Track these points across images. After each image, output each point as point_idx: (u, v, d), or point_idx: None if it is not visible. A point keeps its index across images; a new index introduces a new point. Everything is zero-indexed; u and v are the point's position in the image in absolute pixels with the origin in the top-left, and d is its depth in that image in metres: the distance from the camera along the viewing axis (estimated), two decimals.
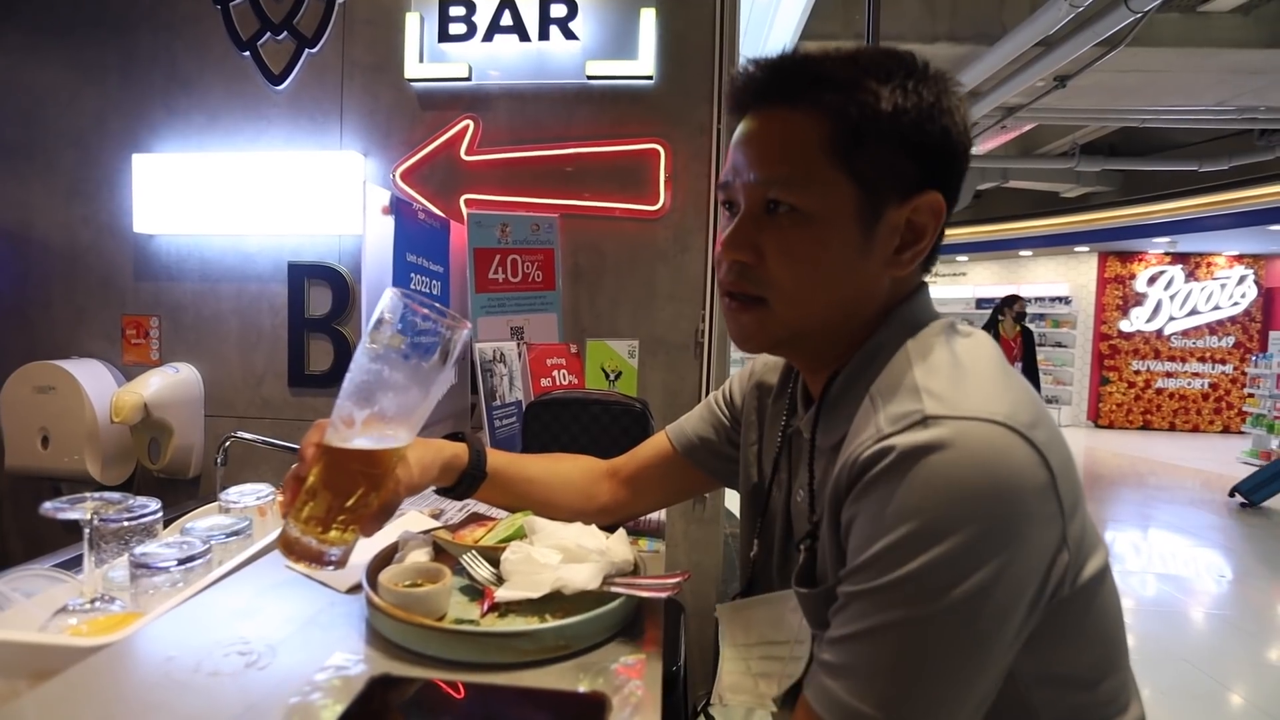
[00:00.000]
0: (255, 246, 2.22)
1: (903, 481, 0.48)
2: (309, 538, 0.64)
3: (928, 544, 0.47)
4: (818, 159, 0.58)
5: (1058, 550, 0.50)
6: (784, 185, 0.58)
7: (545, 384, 1.63)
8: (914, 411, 0.51)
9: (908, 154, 0.58)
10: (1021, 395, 0.53)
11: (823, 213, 0.58)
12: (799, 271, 0.60)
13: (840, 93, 0.57)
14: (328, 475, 0.65)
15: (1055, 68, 4.27)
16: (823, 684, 0.50)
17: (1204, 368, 9.62)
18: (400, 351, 0.63)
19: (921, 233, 0.60)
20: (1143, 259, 9.68)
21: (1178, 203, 7.79)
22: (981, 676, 0.48)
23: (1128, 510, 5.60)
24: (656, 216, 2.08)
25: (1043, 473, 0.49)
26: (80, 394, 2.08)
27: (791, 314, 0.61)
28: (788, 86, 0.59)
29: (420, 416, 0.67)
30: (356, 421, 0.64)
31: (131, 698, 0.54)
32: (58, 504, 0.84)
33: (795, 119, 0.58)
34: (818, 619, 0.57)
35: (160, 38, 2.22)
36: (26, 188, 2.30)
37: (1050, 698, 0.55)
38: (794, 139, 0.58)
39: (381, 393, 0.64)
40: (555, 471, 0.95)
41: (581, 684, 0.58)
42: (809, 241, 0.59)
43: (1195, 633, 3.25)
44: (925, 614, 0.47)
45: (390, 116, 2.16)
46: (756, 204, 0.60)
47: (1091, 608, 0.56)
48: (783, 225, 0.59)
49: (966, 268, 11.38)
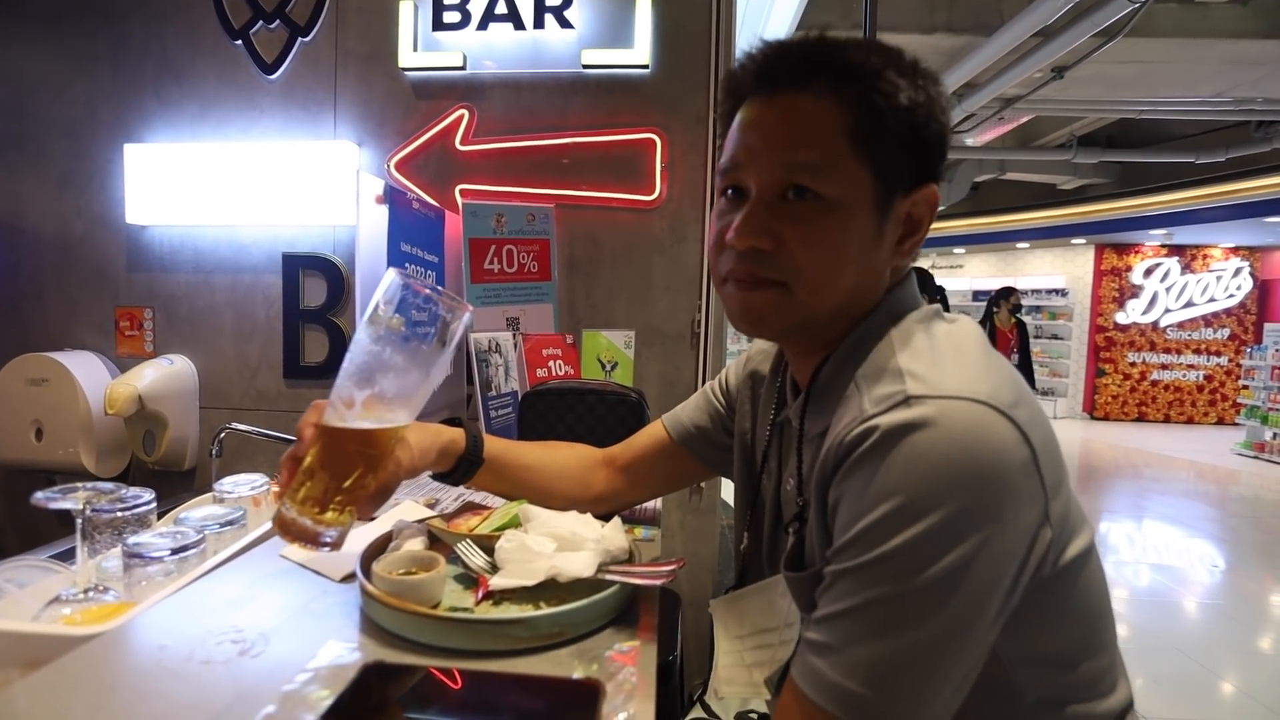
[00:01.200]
0: (249, 237, 2.20)
1: (886, 460, 0.49)
2: (305, 519, 0.64)
3: (910, 520, 0.47)
4: (843, 147, 0.58)
5: (1039, 527, 0.51)
6: (811, 172, 0.58)
7: (541, 374, 1.62)
8: (897, 392, 0.52)
9: (915, 148, 0.60)
10: (1003, 376, 0.54)
11: (847, 201, 0.58)
12: (824, 258, 0.59)
13: (863, 83, 0.58)
14: (325, 456, 0.65)
15: (1053, 58, 4.25)
16: (809, 662, 0.51)
17: (1199, 360, 9.66)
18: (401, 333, 0.63)
19: (919, 224, 0.63)
20: (1139, 251, 9.69)
21: (1174, 195, 7.79)
22: (964, 652, 0.49)
23: (1122, 501, 5.63)
24: (652, 207, 2.08)
25: (1024, 450, 0.49)
26: (74, 386, 2.07)
27: (812, 300, 0.61)
28: (812, 71, 0.59)
29: (420, 399, 0.67)
30: (356, 402, 0.63)
31: (124, 686, 0.54)
32: (49, 494, 0.83)
33: (820, 106, 0.58)
34: (806, 602, 0.57)
35: (151, 26, 2.20)
36: (17, 179, 2.28)
37: (1034, 677, 0.56)
38: (820, 125, 0.58)
39: (381, 373, 0.63)
40: (552, 459, 0.95)
41: (576, 671, 0.58)
42: (835, 229, 0.59)
43: (1188, 622, 3.28)
44: (908, 589, 0.47)
45: (384, 106, 2.15)
46: (773, 189, 0.59)
47: (1075, 588, 0.56)
48: (805, 211, 0.59)
49: (963, 260, 11.39)
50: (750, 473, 0.79)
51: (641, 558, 0.77)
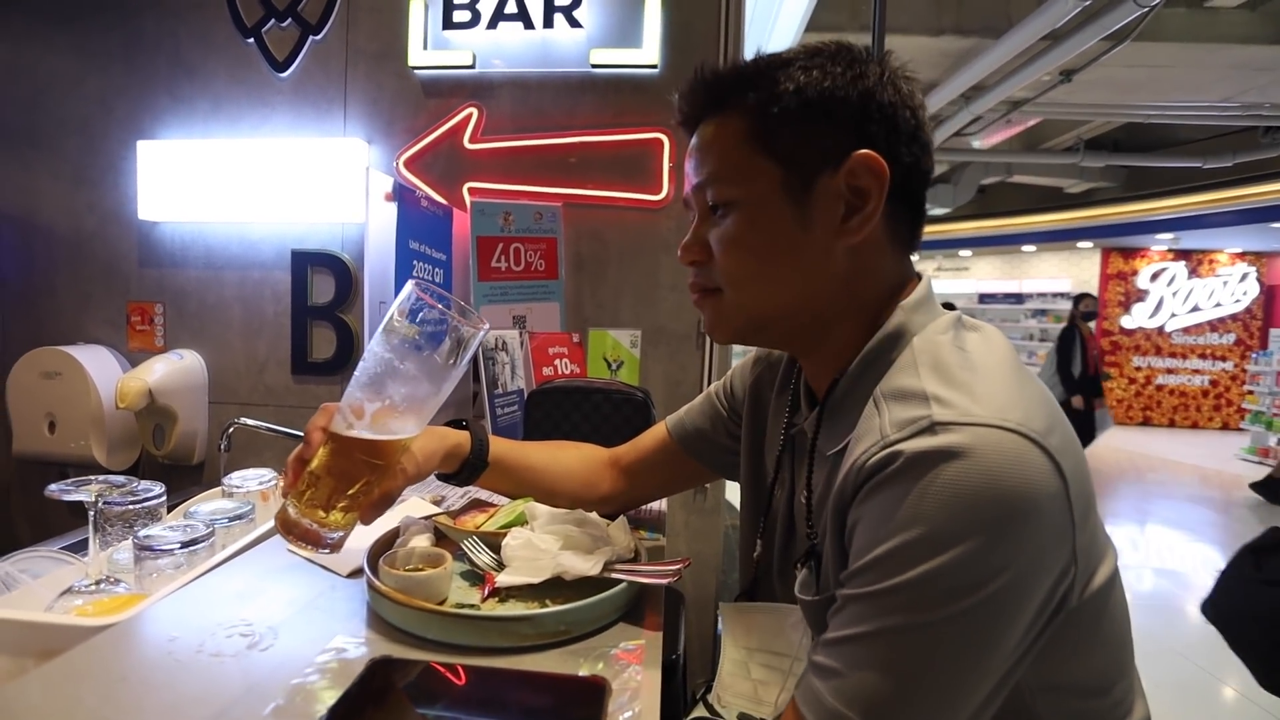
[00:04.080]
0: (259, 234, 2.21)
1: (908, 487, 0.47)
2: (308, 520, 0.65)
3: (930, 553, 0.45)
4: (740, 151, 0.62)
5: (1066, 565, 0.48)
6: (715, 183, 0.63)
7: (547, 373, 1.63)
8: (921, 418, 0.49)
9: (824, 123, 0.59)
10: (1035, 398, 0.51)
11: (748, 197, 0.62)
12: (738, 257, 0.63)
13: (753, 88, 0.61)
14: (332, 461, 0.65)
15: (1061, 62, 4.23)
16: (811, 685, 0.49)
17: (1204, 364, 9.61)
18: (415, 344, 0.63)
19: (865, 196, 0.59)
20: (1145, 255, 9.65)
21: (1181, 199, 7.75)
22: (974, 690, 0.47)
23: (1126, 506, 5.61)
24: (660, 206, 2.08)
25: (1056, 482, 0.47)
26: (86, 380, 2.09)
27: (743, 298, 0.64)
28: (712, 98, 0.64)
29: (430, 410, 0.67)
30: (366, 412, 0.64)
31: (134, 677, 0.55)
32: (63, 486, 0.84)
33: (720, 123, 0.63)
34: (818, 623, 0.56)
35: (164, 24, 2.21)
36: (32, 174, 2.30)
37: (1054, 704, 0.54)
38: (719, 140, 0.63)
39: (394, 384, 0.63)
40: (557, 459, 0.96)
41: (582, 668, 0.59)
42: (740, 226, 0.62)
43: (1190, 627, 3.26)
44: (921, 622, 0.45)
45: (394, 104, 2.15)
46: (703, 206, 0.66)
47: (1103, 616, 0.54)
48: (721, 220, 0.64)
49: (969, 262, 11.35)
50: (760, 480, 0.78)
51: (646, 559, 0.78)
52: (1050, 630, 0.50)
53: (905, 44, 4.32)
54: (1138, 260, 9.67)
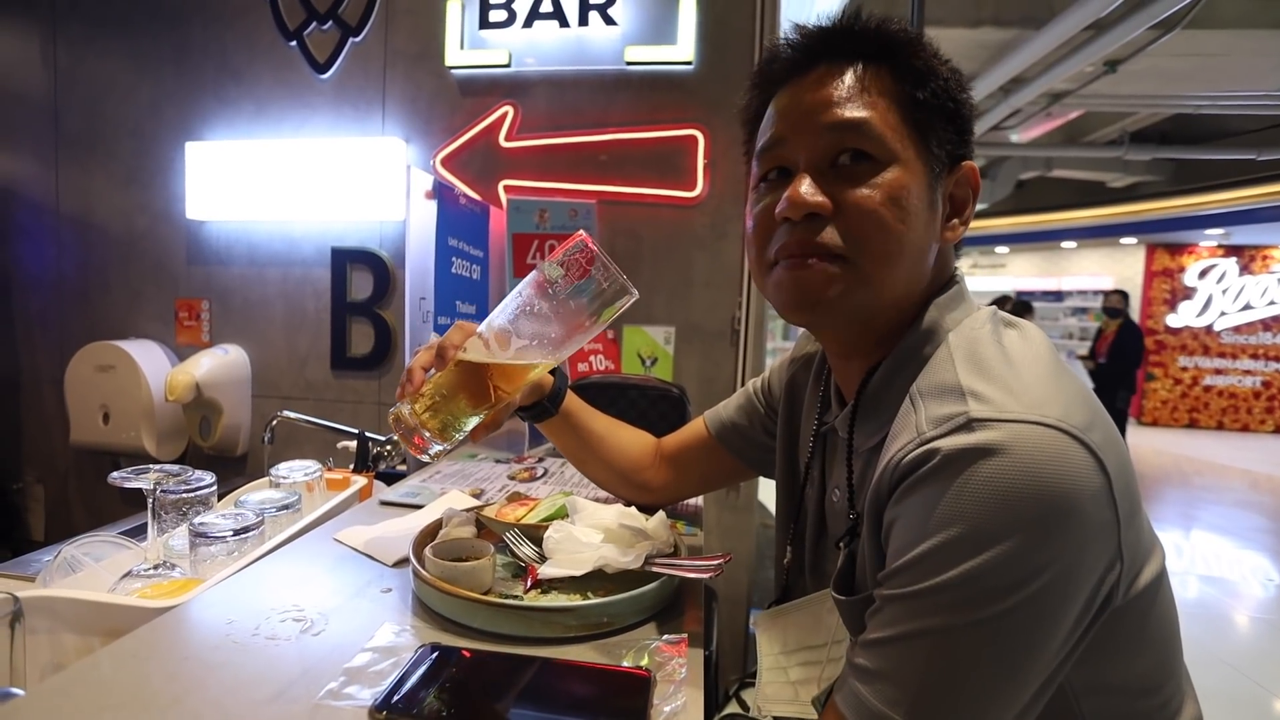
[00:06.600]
0: (300, 232, 2.27)
1: (947, 486, 0.46)
2: (424, 429, 0.68)
3: (971, 552, 0.44)
4: (892, 110, 0.56)
5: (1111, 561, 0.47)
6: (863, 132, 0.55)
7: (582, 369, 1.64)
8: (959, 414, 0.48)
9: (952, 121, 0.58)
10: (1075, 393, 0.50)
11: (904, 162, 0.55)
12: (887, 224, 0.54)
13: (903, 53, 0.57)
14: (464, 379, 0.68)
15: (1106, 52, 4.10)
16: (852, 688, 0.48)
17: (1257, 365, 9.25)
18: (575, 290, 0.66)
19: (963, 205, 0.60)
20: (1193, 251, 9.31)
21: (1232, 193, 7.45)
22: (1018, 691, 0.45)
23: (1170, 510, 5.43)
24: (694, 203, 2.08)
25: (1098, 478, 0.45)
26: (138, 373, 2.17)
27: (878, 274, 0.56)
28: (850, 45, 0.57)
29: (563, 355, 0.71)
30: (512, 345, 0.67)
31: (196, 657, 0.57)
32: (124, 474, 0.88)
33: (864, 73, 0.56)
34: (856, 625, 0.55)
35: (211, 29, 2.28)
36: (89, 176, 2.39)
37: (1101, 705, 0.52)
38: (865, 88, 0.56)
39: (541, 324, 0.67)
40: (615, 434, 0.96)
41: (625, 660, 0.60)
42: (898, 191, 0.54)
43: (1240, 636, 3.16)
44: (963, 623, 0.44)
45: (431, 103, 2.19)
46: (825, 156, 0.56)
47: (1150, 615, 0.53)
48: (863, 174, 0.55)
49: (1006, 259, 11.09)
50: (793, 482, 0.78)
51: (685, 553, 0.78)
52: (1095, 629, 0.48)
53: (942, 36, 4.21)
54: (1185, 256, 9.34)
